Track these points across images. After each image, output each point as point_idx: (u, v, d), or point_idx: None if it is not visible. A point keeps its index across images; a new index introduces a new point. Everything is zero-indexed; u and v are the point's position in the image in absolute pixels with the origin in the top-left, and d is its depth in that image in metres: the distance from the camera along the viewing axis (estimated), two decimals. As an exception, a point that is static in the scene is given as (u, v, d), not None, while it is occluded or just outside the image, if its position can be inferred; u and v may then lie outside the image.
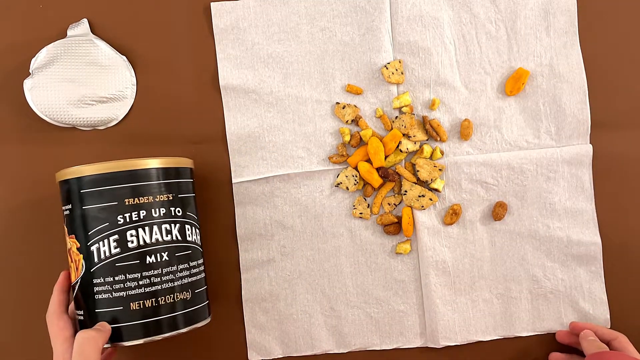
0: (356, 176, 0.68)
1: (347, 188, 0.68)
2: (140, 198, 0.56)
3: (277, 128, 0.69)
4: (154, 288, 0.56)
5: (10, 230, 0.69)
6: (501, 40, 0.69)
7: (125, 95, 0.69)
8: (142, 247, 0.56)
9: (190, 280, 0.59)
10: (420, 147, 0.68)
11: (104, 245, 0.55)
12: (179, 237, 0.59)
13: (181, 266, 0.58)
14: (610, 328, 0.68)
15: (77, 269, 0.57)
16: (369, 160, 0.68)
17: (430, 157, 0.68)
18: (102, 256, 0.56)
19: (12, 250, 0.69)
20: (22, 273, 0.69)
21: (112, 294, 0.56)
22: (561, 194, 0.68)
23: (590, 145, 0.68)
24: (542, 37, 0.69)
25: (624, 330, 0.65)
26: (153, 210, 0.57)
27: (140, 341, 0.56)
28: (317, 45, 0.69)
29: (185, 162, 0.61)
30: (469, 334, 0.68)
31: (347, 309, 0.69)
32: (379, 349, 0.69)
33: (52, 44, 0.67)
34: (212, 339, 0.69)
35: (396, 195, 0.69)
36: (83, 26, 0.68)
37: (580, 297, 0.69)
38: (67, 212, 0.58)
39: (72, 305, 0.61)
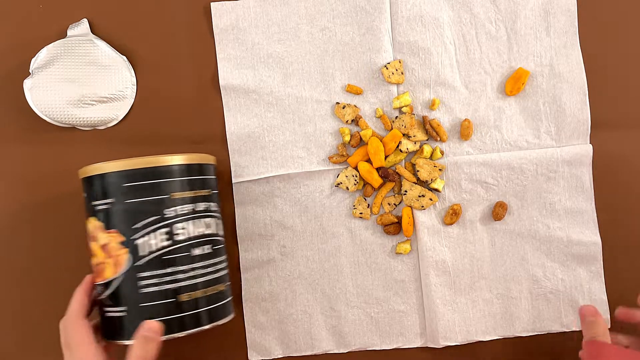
0: (356, 176, 0.68)
1: (347, 188, 0.68)
2: (186, 192, 0.57)
3: (277, 128, 0.69)
4: (198, 280, 0.57)
5: (10, 230, 0.69)
6: (501, 40, 0.69)
7: (125, 95, 0.69)
8: (190, 239, 0.57)
9: (223, 273, 0.61)
10: (420, 147, 0.68)
11: (152, 239, 0.56)
12: (216, 231, 0.61)
13: (217, 259, 0.60)
14: (610, 328, 0.68)
15: (116, 264, 0.56)
16: (369, 160, 0.68)
17: (430, 157, 0.68)
18: (150, 249, 0.56)
19: (13, 251, 0.69)
20: (25, 274, 0.69)
21: (160, 287, 0.56)
22: (561, 194, 0.68)
23: (590, 145, 0.68)
24: (542, 37, 0.69)
25: (624, 331, 0.65)
26: (196, 204, 0.58)
27: (183, 334, 0.57)
28: (317, 45, 0.69)
29: (213, 160, 0.64)
30: (469, 334, 0.68)
31: (347, 309, 0.69)
32: (379, 349, 0.69)
33: (52, 44, 0.67)
34: (212, 339, 0.69)
35: (396, 195, 0.69)
36: (83, 26, 0.68)
37: (580, 297, 0.69)
38: (104, 207, 0.57)
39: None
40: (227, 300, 0.61)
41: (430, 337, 0.69)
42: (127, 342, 0.56)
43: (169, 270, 0.56)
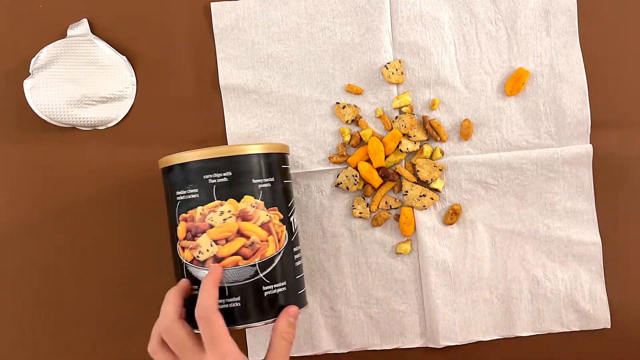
0: (356, 176, 0.68)
1: (347, 188, 0.68)
2: (291, 179, 0.64)
3: (277, 128, 0.69)
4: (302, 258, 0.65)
5: (11, 231, 0.69)
6: (501, 40, 0.69)
7: (125, 95, 0.69)
8: (295, 221, 0.63)
9: None
10: (420, 147, 0.68)
11: (294, 217, 0.62)
12: None
13: None
14: (610, 328, 0.68)
15: (279, 240, 0.58)
16: (369, 160, 0.68)
17: (430, 157, 0.68)
18: (296, 226, 0.62)
19: (13, 254, 0.69)
20: (27, 276, 0.69)
21: (300, 261, 0.62)
22: (561, 194, 0.68)
23: (591, 145, 0.68)
24: (542, 37, 0.69)
25: (624, 331, 0.65)
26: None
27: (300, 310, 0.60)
28: (317, 45, 0.69)
29: None
30: (469, 334, 0.68)
31: (347, 309, 0.69)
32: (379, 349, 0.69)
33: (52, 44, 0.67)
34: (212, 339, 0.69)
35: (396, 196, 0.69)
36: (83, 26, 0.68)
37: (581, 297, 0.69)
38: (266, 185, 0.58)
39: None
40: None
41: (431, 337, 0.69)
42: (260, 324, 0.57)
43: (300, 246, 0.63)
